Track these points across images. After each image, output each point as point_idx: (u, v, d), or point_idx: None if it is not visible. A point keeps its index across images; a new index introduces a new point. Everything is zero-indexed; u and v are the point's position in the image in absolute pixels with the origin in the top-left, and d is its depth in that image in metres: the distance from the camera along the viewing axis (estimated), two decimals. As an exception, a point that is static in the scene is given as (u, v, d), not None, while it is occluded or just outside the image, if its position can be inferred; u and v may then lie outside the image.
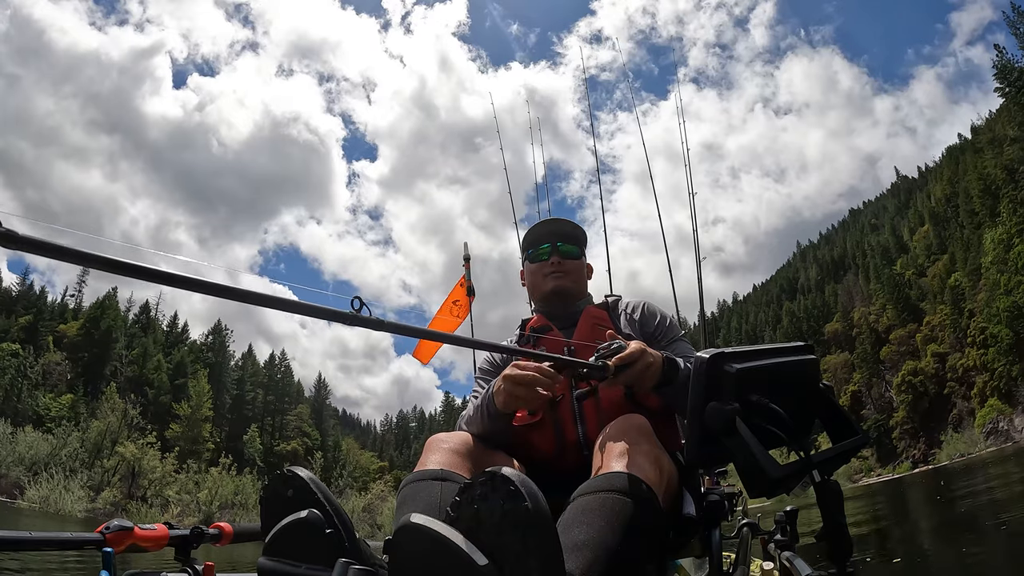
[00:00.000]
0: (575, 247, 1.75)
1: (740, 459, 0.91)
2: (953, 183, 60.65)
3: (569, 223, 1.77)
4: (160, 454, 46.14)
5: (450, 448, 1.32)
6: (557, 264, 1.71)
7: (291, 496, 0.99)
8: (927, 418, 50.81)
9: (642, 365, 1.25)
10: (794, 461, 0.94)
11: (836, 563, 0.93)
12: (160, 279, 0.69)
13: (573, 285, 1.72)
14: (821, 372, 1.11)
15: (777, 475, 0.89)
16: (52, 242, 0.60)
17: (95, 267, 0.63)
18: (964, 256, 51.49)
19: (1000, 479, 15.94)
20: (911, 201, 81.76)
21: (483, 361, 1.79)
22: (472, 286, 3.33)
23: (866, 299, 66.91)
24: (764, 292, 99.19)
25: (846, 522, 0.93)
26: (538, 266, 1.75)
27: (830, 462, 0.97)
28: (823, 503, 0.93)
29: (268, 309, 0.83)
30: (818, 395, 1.07)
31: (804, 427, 1.05)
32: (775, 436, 0.95)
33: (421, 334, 0.91)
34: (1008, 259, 42.42)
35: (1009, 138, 45.32)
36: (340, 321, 0.81)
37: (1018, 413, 40.81)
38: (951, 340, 51.36)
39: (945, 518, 9.82)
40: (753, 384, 0.96)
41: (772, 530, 1.42)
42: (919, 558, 5.51)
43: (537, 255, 1.76)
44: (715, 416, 0.93)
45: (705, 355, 0.97)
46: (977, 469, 23.22)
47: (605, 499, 1.01)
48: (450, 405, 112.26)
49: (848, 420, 1.06)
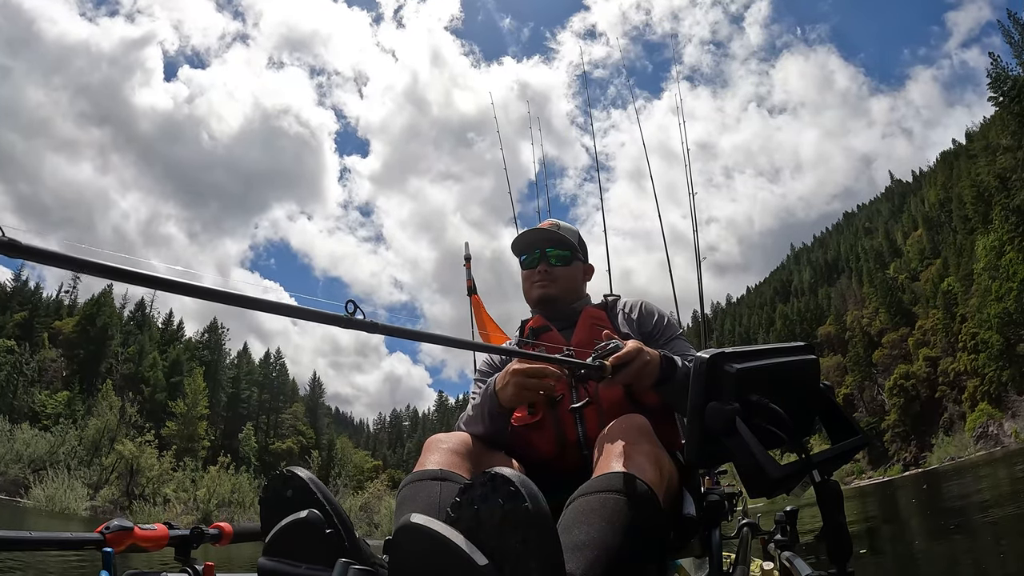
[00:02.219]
0: (566, 251, 1.74)
1: (740, 459, 0.90)
2: (947, 188, 61.05)
3: (557, 231, 1.75)
4: (158, 452, 45.99)
5: (449, 448, 1.32)
6: (544, 273, 1.71)
7: (291, 496, 0.99)
8: (918, 421, 51.12)
9: (639, 364, 1.25)
10: (794, 461, 0.94)
11: (836, 563, 0.93)
12: (156, 284, 0.70)
13: (560, 292, 1.71)
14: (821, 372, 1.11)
15: (777, 475, 0.89)
16: (52, 250, 0.62)
17: (95, 275, 0.65)
18: (957, 261, 51.84)
19: (988, 479, 16.14)
20: (905, 205, 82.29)
21: (482, 363, 1.79)
22: (474, 285, 3.30)
23: (859, 302, 67.25)
24: (758, 294, 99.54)
25: (846, 522, 0.93)
26: (527, 273, 1.76)
27: (830, 462, 0.97)
28: (823, 503, 0.93)
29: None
30: (818, 395, 1.07)
31: (804, 427, 1.05)
32: (775, 436, 0.94)
33: (415, 336, 0.90)
34: (999, 266, 42.79)
35: (1002, 147, 45.65)
36: (335, 324, 0.81)
37: (1008, 418, 41.10)
38: (943, 344, 51.69)
39: (928, 517, 9.95)
40: (753, 384, 0.96)
41: (772, 530, 1.43)
42: (907, 555, 5.60)
43: (526, 262, 1.77)
44: (715, 416, 0.93)
45: (705, 355, 0.96)
46: (966, 472, 23.42)
47: (605, 499, 1.01)
48: (444, 404, 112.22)
49: (848, 420, 1.07)
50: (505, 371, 1.37)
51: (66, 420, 45.94)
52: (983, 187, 47.73)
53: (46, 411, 49.13)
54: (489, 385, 1.44)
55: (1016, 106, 43.10)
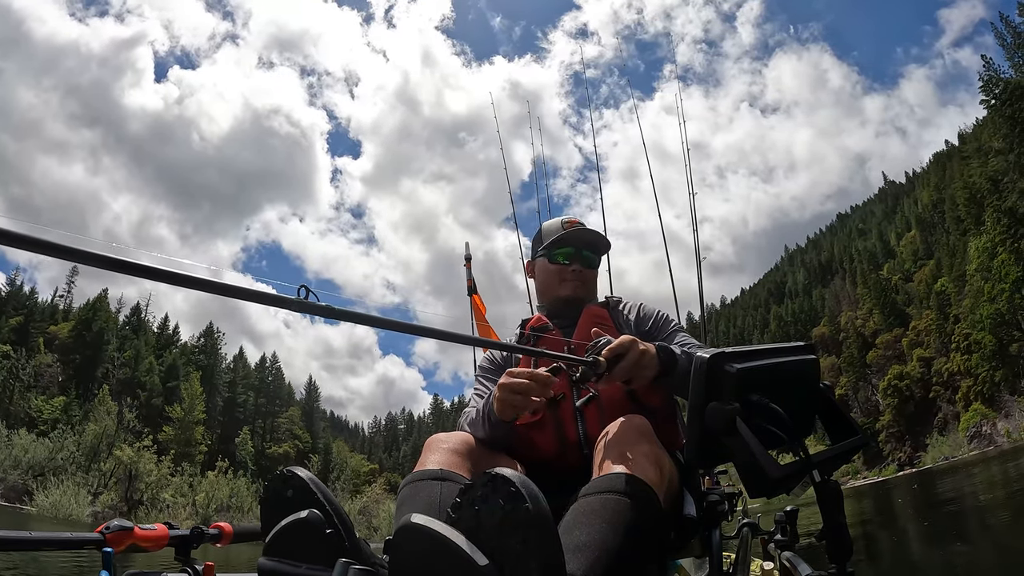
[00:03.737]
0: (596, 257, 1.77)
1: (740, 459, 0.90)
2: (940, 189, 61.46)
3: (598, 233, 1.76)
4: (156, 457, 45.88)
5: (450, 448, 1.31)
6: (578, 273, 1.71)
7: (291, 496, 0.98)
8: (913, 422, 51.31)
9: (634, 355, 1.23)
10: (794, 461, 0.93)
11: (836, 563, 0.93)
12: (105, 264, 0.68)
13: (587, 295, 1.74)
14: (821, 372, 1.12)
15: (777, 475, 0.89)
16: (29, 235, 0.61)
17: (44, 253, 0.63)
18: (950, 262, 52.12)
19: (978, 477, 16.26)
20: (898, 206, 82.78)
21: (483, 360, 1.79)
22: (474, 285, 3.28)
23: (853, 303, 67.52)
24: (752, 296, 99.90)
25: (846, 522, 0.93)
26: (557, 268, 1.73)
27: (830, 462, 0.97)
28: (823, 503, 0.93)
29: (242, 303, 0.82)
30: (818, 395, 1.07)
31: (804, 427, 1.05)
32: (775, 436, 0.94)
33: (377, 323, 0.88)
34: (992, 267, 43.07)
35: (994, 150, 46.00)
36: (286, 307, 0.81)
37: (1001, 417, 41.34)
38: (937, 345, 51.92)
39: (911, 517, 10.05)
40: (754, 384, 0.96)
41: (772, 530, 1.42)
42: (904, 552, 5.67)
43: (556, 256, 1.74)
44: (716, 416, 0.92)
45: (706, 355, 0.96)
46: (960, 471, 23.56)
47: (606, 500, 1.02)
48: (439, 408, 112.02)
49: (848, 420, 1.07)
50: (498, 385, 1.34)
51: (64, 425, 45.69)
52: (975, 189, 48.04)
53: (43, 416, 48.87)
54: (491, 394, 1.43)
55: (1008, 109, 43.43)
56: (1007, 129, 43.77)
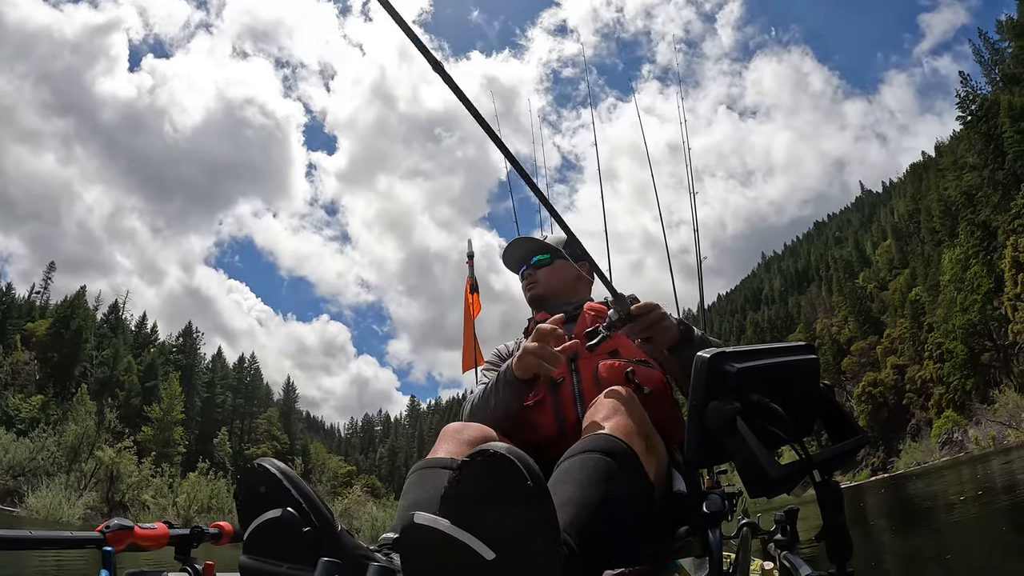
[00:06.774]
0: (545, 255, 1.91)
1: (740, 459, 0.91)
2: (916, 200, 62.64)
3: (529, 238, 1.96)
4: (137, 458, 45.09)
5: (462, 439, 1.33)
6: (530, 275, 1.91)
7: (264, 492, 0.90)
8: (886, 427, 52.18)
9: (658, 315, 1.38)
10: (794, 461, 0.94)
11: (836, 563, 0.94)
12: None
13: (546, 290, 1.88)
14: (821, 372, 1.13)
15: (777, 475, 0.89)
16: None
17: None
18: (924, 271, 53.23)
19: (947, 481, 16.64)
20: (875, 216, 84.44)
21: (492, 355, 1.90)
22: (476, 283, 3.22)
23: (829, 311, 68.60)
24: (729, 302, 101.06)
25: (846, 522, 0.94)
26: (521, 281, 1.96)
27: (830, 462, 0.98)
28: (823, 503, 0.94)
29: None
30: (818, 395, 1.08)
31: (804, 427, 1.06)
32: (775, 436, 0.95)
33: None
34: (965, 279, 44.23)
35: (968, 165, 47.15)
36: None
37: (972, 424, 42.28)
38: (910, 353, 52.92)
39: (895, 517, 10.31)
40: (754, 384, 0.96)
41: (772, 530, 1.43)
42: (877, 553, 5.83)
43: (518, 271, 1.97)
44: (716, 416, 0.93)
45: (706, 355, 0.97)
46: (932, 475, 24.08)
47: (586, 459, 1.05)
48: (416, 409, 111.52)
49: (848, 420, 1.08)
50: (524, 345, 1.43)
51: (47, 426, 44.60)
52: (950, 202, 49.22)
53: (20, 415, 47.56)
54: (507, 363, 1.50)
55: (983, 125, 44.62)
56: (982, 145, 44.93)
